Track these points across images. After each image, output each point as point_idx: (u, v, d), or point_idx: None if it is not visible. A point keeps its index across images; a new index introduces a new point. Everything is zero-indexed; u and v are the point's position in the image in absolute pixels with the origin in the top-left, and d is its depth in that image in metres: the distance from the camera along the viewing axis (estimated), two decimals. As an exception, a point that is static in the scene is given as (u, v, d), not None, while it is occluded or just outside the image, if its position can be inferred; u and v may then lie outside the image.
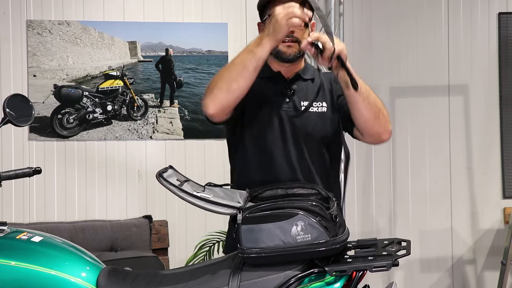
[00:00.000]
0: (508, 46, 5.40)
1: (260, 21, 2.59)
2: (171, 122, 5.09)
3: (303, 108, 2.46)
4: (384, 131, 2.41)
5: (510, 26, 5.41)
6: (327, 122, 2.48)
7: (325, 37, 2.20)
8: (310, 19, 2.36)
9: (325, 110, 2.48)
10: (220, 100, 2.28)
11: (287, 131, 2.42)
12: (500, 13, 5.41)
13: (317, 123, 2.46)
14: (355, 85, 2.22)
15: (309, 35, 2.27)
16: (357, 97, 2.30)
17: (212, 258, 4.52)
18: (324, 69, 2.67)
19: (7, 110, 2.27)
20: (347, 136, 2.56)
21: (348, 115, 2.41)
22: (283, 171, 2.40)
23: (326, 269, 1.97)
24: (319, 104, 2.48)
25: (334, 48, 2.19)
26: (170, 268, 4.60)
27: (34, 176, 2.39)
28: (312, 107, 2.47)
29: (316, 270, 1.98)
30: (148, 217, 4.89)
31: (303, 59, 2.56)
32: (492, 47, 5.42)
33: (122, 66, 5.08)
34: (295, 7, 2.18)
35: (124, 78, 5.07)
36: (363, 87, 2.32)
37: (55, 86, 4.95)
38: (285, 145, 2.41)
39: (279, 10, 2.19)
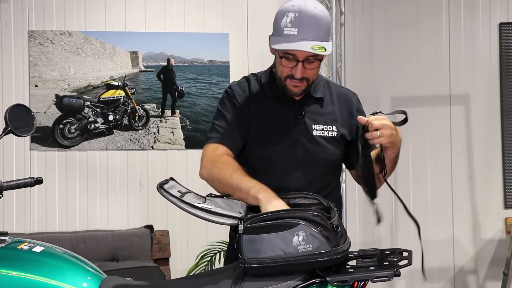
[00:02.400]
0: (509, 56, 5.41)
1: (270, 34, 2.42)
2: (172, 132, 5.09)
3: (314, 132, 2.41)
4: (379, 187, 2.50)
5: (511, 36, 5.42)
6: (337, 146, 2.45)
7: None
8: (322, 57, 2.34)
9: (335, 135, 2.44)
10: (207, 180, 2.33)
11: (298, 156, 2.39)
12: (501, 23, 5.42)
13: (328, 148, 2.43)
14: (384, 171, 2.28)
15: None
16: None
17: (213, 268, 4.51)
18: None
19: (9, 120, 2.27)
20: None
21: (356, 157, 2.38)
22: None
23: (327, 279, 1.96)
24: (330, 128, 2.43)
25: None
26: (172, 278, 4.59)
27: (36, 186, 2.39)
28: (323, 131, 2.42)
29: (317, 280, 1.98)
30: (150, 227, 4.89)
31: None
32: (493, 57, 5.43)
33: (124, 76, 5.09)
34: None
35: (126, 88, 5.08)
36: (397, 157, 2.40)
37: (57, 96, 4.96)
38: (295, 170, 2.36)
39: (272, 205, 2.11)
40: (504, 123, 5.42)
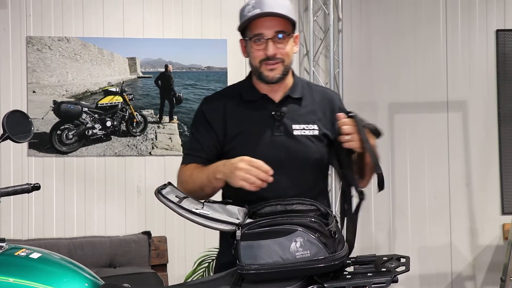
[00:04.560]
0: (506, 62, 5.43)
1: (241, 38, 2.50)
2: (170, 138, 5.10)
3: (295, 132, 2.40)
4: (364, 186, 2.51)
5: (508, 43, 5.44)
6: (320, 145, 2.44)
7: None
8: (293, 30, 2.40)
9: (317, 133, 2.43)
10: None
11: (280, 158, 2.36)
12: (498, 30, 5.44)
13: (310, 147, 2.41)
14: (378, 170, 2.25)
15: (292, 47, 2.40)
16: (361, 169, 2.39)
17: (211, 274, 4.51)
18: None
19: (6, 126, 2.27)
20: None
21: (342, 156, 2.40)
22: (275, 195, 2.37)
23: (325, 285, 1.96)
24: (311, 126, 2.43)
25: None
26: (169, 284, 4.58)
27: (33, 192, 2.38)
28: (304, 130, 2.41)
29: (315, 287, 1.98)
30: (147, 233, 4.88)
31: (292, 73, 2.50)
32: (490, 63, 5.45)
33: (122, 82, 5.09)
34: (259, 171, 2.14)
35: (124, 94, 5.08)
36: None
37: (55, 102, 4.96)
38: (280, 170, 2.30)
39: (242, 165, 2.15)
40: (501, 130, 5.43)
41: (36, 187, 2.37)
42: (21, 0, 4.93)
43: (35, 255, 2.15)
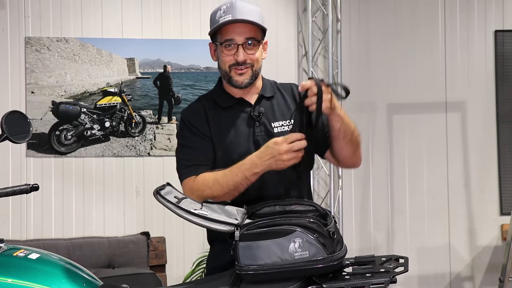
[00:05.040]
0: (505, 63, 5.43)
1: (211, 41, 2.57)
2: (169, 139, 5.09)
3: (275, 129, 2.44)
4: (358, 161, 2.51)
5: (506, 44, 5.44)
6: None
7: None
8: (263, 37, 2.45)
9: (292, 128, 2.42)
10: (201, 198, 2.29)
11: None
12: (496, 31, 5.44)
13: None
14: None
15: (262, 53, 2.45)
16: (341, 140, 2.35)
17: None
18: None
19: (5, 126, 2.26)
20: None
21: (324, 139, 2.42)
22: (263, 190, 2.38)
23: (324, 286, 1.96)
24: (288, 122, 2.45)
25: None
26: (168, 285, 4.58)
27: (32, 192, 2.38)
28: (283, 127, 2.45)
29: (314, 287, 1.98)
30: (146, 234, 4.88)
31: (260, 76, 2.55)
32: (488, 64, 5.45)
33: (120, 82, 5.09)
34: (298, 142, 2.17)
35: (122, 94, 5.08)
36: (349, 125, 2.34)
37: (53, 102, 4.96)
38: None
39: (282, 148, 2.17)
40: (500, 130, 5.43)
41: (35, 188, 2.37)
42: (19, 1, 4.92)
43: (33, 256, 2.15)
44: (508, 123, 5.43)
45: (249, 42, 2.41)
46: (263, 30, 2.45)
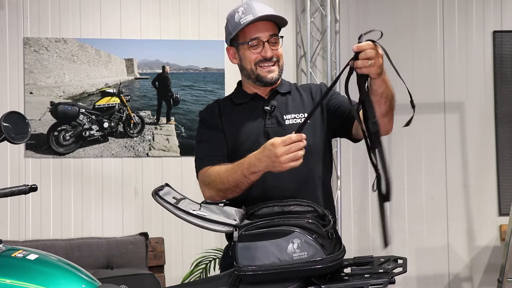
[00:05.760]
0: (503, 64, 5.43)
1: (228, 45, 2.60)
2: (167, 139, 5.09)
3: (286, 121, 2.47)
4: (391, 127, 2.65)
5: (505, 44, 5.44)
6: (312, 130, 2.46)
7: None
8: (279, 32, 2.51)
9: (309, 120, 2.39)
10: (215, 198, 2.34)
11: None
12: (495, 31, 5.44)
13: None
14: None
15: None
16: (382, 105, 2.45)
17: (208, 275, 4.50)
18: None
19: (3, 127, 2.26)
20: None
21: (347, 113, 2.45)
22: (275, 187, 2.39)
23: (322, 287, 1.96)
24: (301, 115, 2.48)
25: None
26: (166, 285, 4.58)
27: (30, 193, 2.38)
28: (295, 119, 2.47)
29: (312, 288, 1.98)
30: (144, 234, 4.88)
31: None
32: (487, 65, 5.46)
33: (119, 83, 5.09)
34: (296, 143, 2.13)
35: (121, 95, 5.08)
36: (391, 90, 2.50)
37: (52, 103, 4.96)
38: None
39: (279, 150, 2.13)
40: (498, 131, 5.43)
41: (33, 188, 2.36)
42: (18, 1, 4.92)
43: (32, 257, 2.15)
44: (507, 123, 5.43)
45: (273, 38, 2.48)
46: (279, 28, 2.53)
